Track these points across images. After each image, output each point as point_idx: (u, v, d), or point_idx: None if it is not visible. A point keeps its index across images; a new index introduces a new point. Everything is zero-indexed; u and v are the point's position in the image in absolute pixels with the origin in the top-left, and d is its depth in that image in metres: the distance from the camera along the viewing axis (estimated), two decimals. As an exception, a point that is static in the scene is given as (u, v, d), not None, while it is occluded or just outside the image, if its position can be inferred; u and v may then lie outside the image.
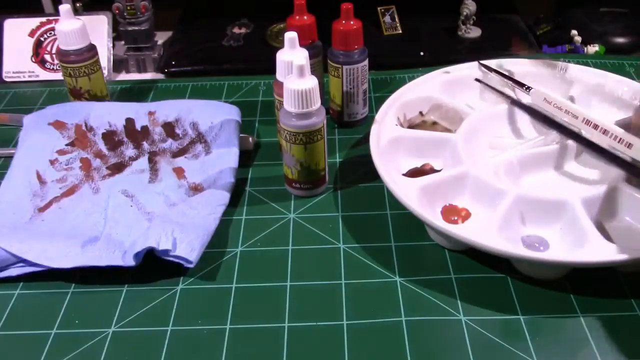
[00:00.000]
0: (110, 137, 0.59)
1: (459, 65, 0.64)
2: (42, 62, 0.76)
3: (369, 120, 0.63)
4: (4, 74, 0.76)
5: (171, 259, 0.47)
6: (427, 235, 0.51)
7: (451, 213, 0.50)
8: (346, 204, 0.54)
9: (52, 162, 0.57)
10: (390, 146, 0.55)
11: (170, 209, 0.51)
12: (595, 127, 0.52)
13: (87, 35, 0.64)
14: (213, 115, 0.60)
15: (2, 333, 0.44)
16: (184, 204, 0.51)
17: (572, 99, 0.59)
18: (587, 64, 0.69)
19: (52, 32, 0.76)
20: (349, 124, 0.65)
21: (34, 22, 0.77)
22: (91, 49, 0.65)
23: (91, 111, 0.61)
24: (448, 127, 0.59)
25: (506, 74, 0.61)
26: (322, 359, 0.41)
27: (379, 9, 0.82)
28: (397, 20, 0.82)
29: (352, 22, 0.59)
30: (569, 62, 0.66)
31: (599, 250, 0.43)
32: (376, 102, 0.68)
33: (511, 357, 0.41)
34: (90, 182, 0.55)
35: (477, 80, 0.62)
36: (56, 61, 0.76)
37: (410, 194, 0.48)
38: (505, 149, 0.55)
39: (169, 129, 0.60)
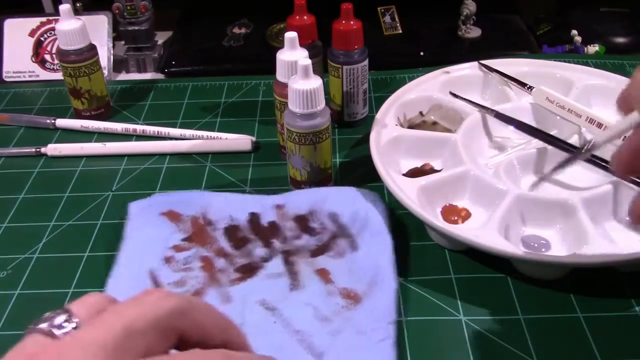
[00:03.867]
0: (233, 233, 0.50)
1: (459, 65, 0.64)
2: (42, 62, 0.76)
3: (369, 120, 0.63)
4: (4, 74, 0.76)
5: None
6: (427, 235, 0.51)
7: (451, 213, 0.50)
8: (346, 204, 0.54)
9: (167, 260, 0.48)
10: (390, 146, 0.55)
11: (323, 325, 0.42)
12: (599, 125, 0.52)
13: (87, 35, 0.64)
14: (353, 203, 0.51)
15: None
16: (347, 325, 0.42)
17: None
18: (587, 64, 0.69)
19: (52, 32, 0.76)
20: (349, 124, 0.65)
21: (34, 22, 0.77)
22: (91, 49, 0.65)
23: (209, 202, 0.52)
24: (448, 127, 0.59)
25: (507, 74, 0.61)
26: (322, 359, 0.41)
27: (379, 9, 0.82)
28: (397, 20, 0.82)
29: (352, 22, 0.59)
30: (569, 62, 0.66)
31: (599, 250, 0.43)
32: (376, 102, 0.68)
33: (511, 357, 0.41)
34: (218, 288, 0.46)
35: (452, 94, 0.60)
36: (56, 61, 0.76)
37: (410, 194, 0.48)
38: (505, 149, 0.55)
39: (303, 223, 0.51)
